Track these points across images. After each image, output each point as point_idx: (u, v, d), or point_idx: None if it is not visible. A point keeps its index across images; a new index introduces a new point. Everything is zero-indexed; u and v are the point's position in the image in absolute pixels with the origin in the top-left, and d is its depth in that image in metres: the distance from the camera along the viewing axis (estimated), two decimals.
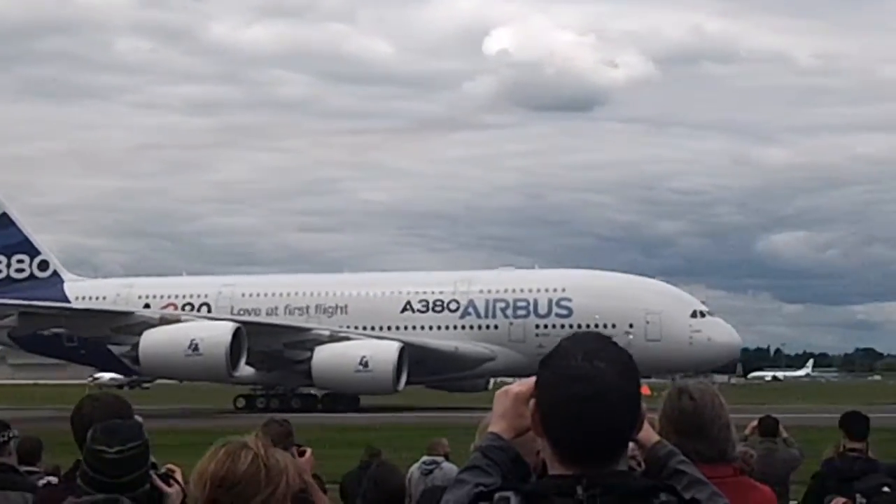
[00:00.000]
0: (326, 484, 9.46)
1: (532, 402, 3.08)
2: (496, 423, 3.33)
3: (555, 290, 56.20)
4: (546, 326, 55.49)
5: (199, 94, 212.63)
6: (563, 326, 55.09)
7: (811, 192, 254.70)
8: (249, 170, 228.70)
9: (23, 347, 64.49)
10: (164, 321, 53.72)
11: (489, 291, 57.12)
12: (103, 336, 54.91)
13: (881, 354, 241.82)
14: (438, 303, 57.43)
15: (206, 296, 59.41)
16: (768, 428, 13.72)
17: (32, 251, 63.48)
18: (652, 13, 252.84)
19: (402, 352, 52.51)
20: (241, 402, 58.27)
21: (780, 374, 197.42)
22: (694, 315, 55.01)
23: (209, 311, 58.18)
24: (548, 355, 3.08)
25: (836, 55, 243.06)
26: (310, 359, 53.49)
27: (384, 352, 52.69)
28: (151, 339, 52.46)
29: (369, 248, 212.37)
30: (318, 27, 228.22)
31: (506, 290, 57.04)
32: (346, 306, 57.88)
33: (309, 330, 54.88)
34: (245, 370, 55.46)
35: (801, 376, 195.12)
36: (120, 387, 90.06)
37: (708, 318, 55.40)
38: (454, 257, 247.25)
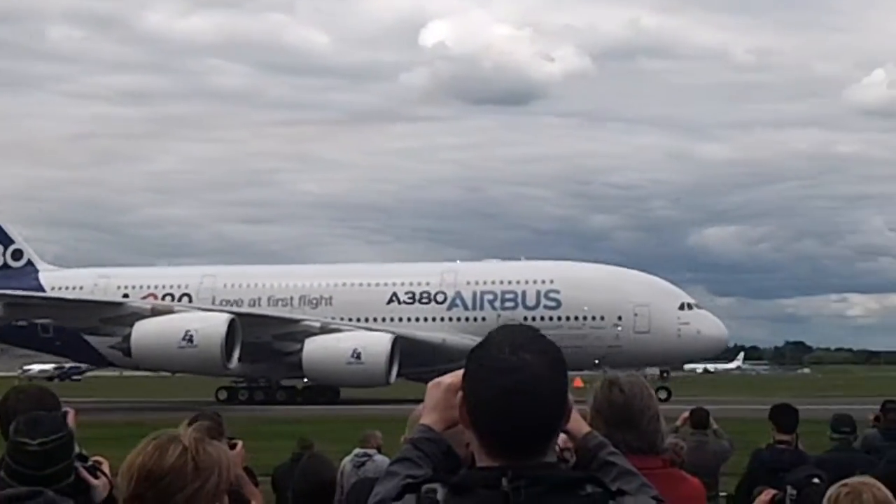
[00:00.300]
0: (260, 476, 9.52)
1: (459, 394, 3.08)
2: (427, 415, 3.34)
3: (543, 282, 56.06)
4: (534, 319, 55.08)
5: (133, 83, 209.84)
6: (551, 318, 55.03)
7: (745, 188, 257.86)
8: (185, 161, 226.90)
9: None
10: (156, 312, 52.86)
11: (476, 283, 56.84)
12: (92, 327, 53.85)
13: (810, 348, 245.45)
14: (425, 294, 57.01)
15: (186, 286, 58.53)
16: (699, 420, 13.84)
17: (5, 240, 62.20)
18: (589, 7, 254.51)
19: (394, 344, 52.12)
20: (223, 395, 57.60)
21: (711, 366, 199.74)
22: (682, 307, 55.11)
23: (190, 301, 57.28)
24: (475, 347, 3.06)
25: (771, 52, 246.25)
26: (299, 350, 52.93)
27: (376, 344, 52.26)
28: (144, 331, 51.57)
29: (305, 240, 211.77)
30: (256, 17, 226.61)
31: (493, 282, 56.80)
32: (330, 298, 57.28)
33: (299, 321, 54.24)
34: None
35: (731, 369, 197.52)
36: (50, 378, 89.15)
37: (696, 310, 55.57)
38: (390, 249, 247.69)
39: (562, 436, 3.44)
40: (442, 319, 56.39)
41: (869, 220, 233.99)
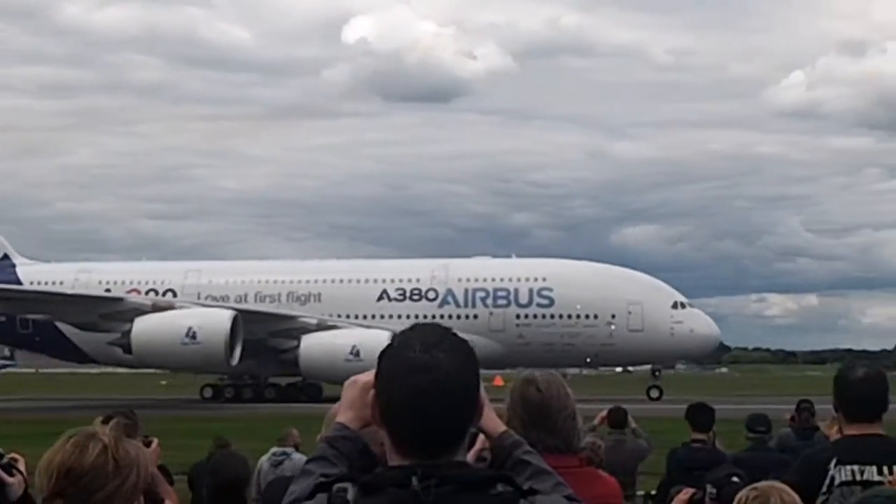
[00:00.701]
0: (176, 475, 9.75)
1: (371, 392, 3.11)
2: (343, 413, 3.37)
3: (535, 280, 55.81)
4: (527, 316, 55.18)
5: (49, 76, 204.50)
6: (544, 316, 54.98)
7: (664, 187, 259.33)
8: (101, 154, 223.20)
9: None
10: (157, 308, 51.87)
11: (468, 280, 56.46)
12: (91, 323, 52.64)
13: (728, 347, 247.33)
14: (416, 291, 56.50)
15: (170, 282, 57.48)
16: (617, 419, 13.91)
17: None
18: (511, 6, 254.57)
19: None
20: (209, 392, 56.70)
21: (631, 367, 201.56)
22: (675, 306, 55.18)
23: (174, 297, 56.36)
24: (387, 346, 3.09)
25: (690, 52, 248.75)
26: (295, 348, 52.25)
27: (375, 341, 51.41)
28: (145, 326, 50.53)
29: (224, 237, 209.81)
30: (174, 11, 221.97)
31: (485, 280, 56.43)
32: (319, 294, 56.56)
33: (296, 318, 53.50)
34: None
35: (646, 368, 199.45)
36: None
37: (688, 309, 55.67)
38: (311, 246, 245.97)
39: (481, 436, 3.60)
40: (433, 317, 55.55)
41: (787, 221, 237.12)
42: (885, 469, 6.16)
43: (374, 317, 55.30)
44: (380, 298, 56.38)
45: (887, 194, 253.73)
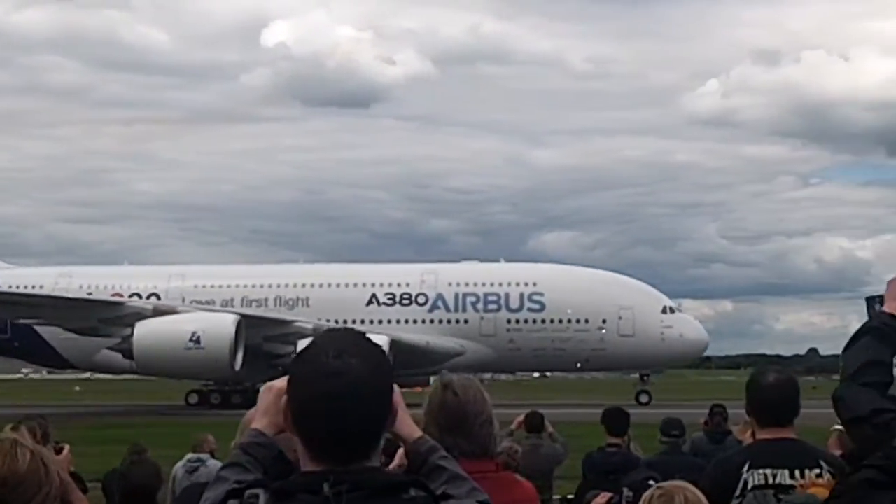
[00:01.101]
0: (90, 482, 9.81)
1: (284, 398, 3.12)
2: (259, 420, 3.39)
3: (526, 285, 55.69)
4: (518, 321, 55.03)
5: None
6: (535, 321, 54.88)
7: (581, 194, 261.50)
8: (18, 158, 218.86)
9: None
10: (158, 312, 50.86)
11: (458, 285, 56.19)
12: (90, 327, 51.43)
13: None
14: (406, 296, 56.12)
15: (154, 287, 56.47)
16: (534, 423, 14.04)
17: None
18: (430, 11, 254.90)
19: (391, 346, 51.17)
20: (194, 398, 55.74)
21: (549, 371, 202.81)
22: (664, 311, 55.33)
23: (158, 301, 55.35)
24: (300, 352, 3.11)
25: (608, 60, 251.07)
26: (291, 353, 51.48)
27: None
28: (147, 331, 49.42)
29: (140, 241, 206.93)
30: (93, 13, 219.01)
31: (475, 284, 56.21)
32: (307, 298, 55.94)
33: (291, 323, 52.83)
34: None
35: (567, 373, 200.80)
36: None
37: (678, 314, 55.89)
38: (228, 251, 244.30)
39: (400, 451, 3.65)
40: (423, 322, 55.58)
41: (702, 228, 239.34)
42: (798, 473, 6.26)
43: (363, 322, 54.50)
44: (369, 303, 55.92)
45: (801, 202, 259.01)
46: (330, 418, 3.00)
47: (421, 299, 56.02)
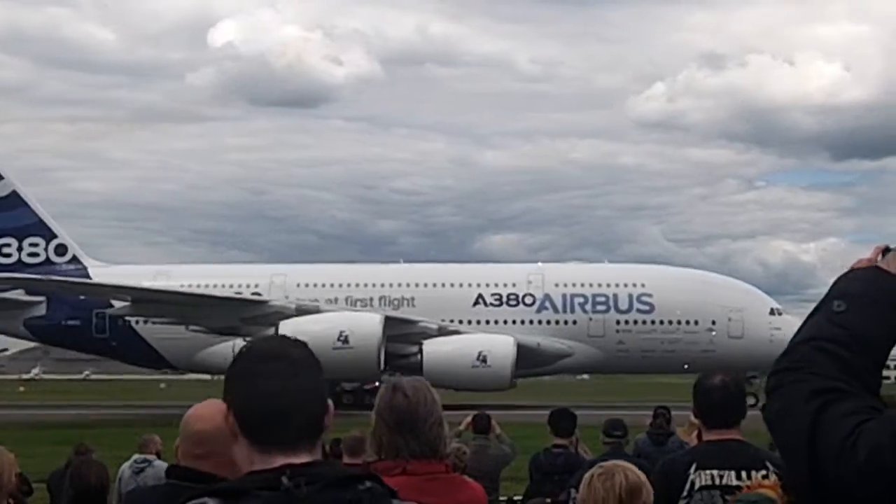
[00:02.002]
0: (35, 483, 10.26)
1: (225, 406, 3.16)
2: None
3: (634, 286, 55.24)
4: (627, 322, 54.58)
5: None
6: (644, 322, 54.39)
7: (527, 196, 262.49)
8: None
9: (40, 340, 59.26)
10: (301, 311, 50.15)
11: (565, 286, 55.72)
12: (230, 326, 50.54)
13: None
14: (513, 296, 55.49)
15: (256, 285, 55.65)
16: (481, 425, 14.28)
17: (48, 234, 58.10)
18: (378, 12, 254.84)
19: (517, 347, 50.81)
20: None
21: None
22: (772, 313, 55.03)
23: None
24: (235, 358, 3.18)
25: (555, 62, 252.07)
26: (416, 353, 51.07)
27: (501, 346, 50.76)
28: (292, 331, 48.36)
29: (84, 240, 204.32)
30: (37, 10, 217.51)
31: (583, 285, 55.74)
32: (412, 298, 55.17)
33: (416, 322, 52.19)
34: None
35: None
36: None
37: (784, 316, 55.53)
38: (172, 251, 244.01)
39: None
40: (531, 322, 54.99)
41: (647, 230, 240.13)
42: (744, 473, 6.42)
43: (469, 322, 54.16)
44: (476, 303, 55.27)
45: (745, 205, 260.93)
46: (273, 417, 3.04)
47: (528, 300, 55.41)
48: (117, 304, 53.35)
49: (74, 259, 57.94)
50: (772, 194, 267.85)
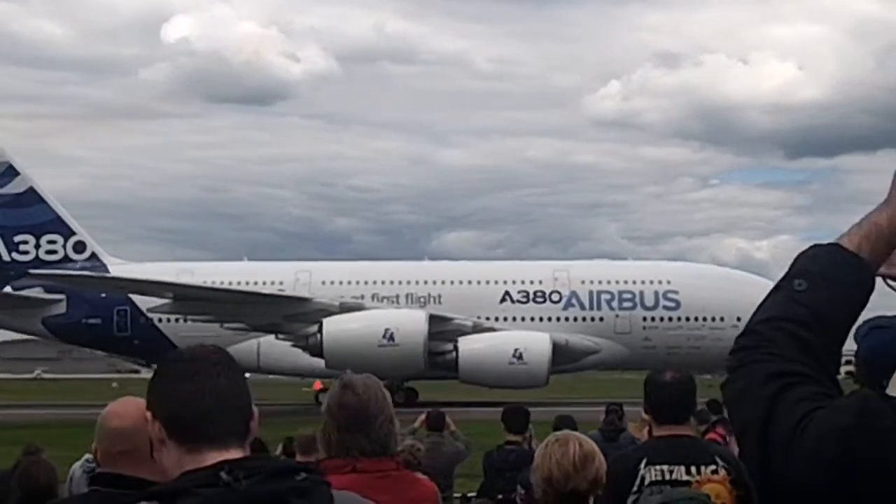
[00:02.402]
0: None
1: (149, 414, 3.16)
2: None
3: (660, 283, 55.33)
4: (654, 319, 54.67)
5: None
6: (670, 319, 54.49)
7: (483, 194, 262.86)
8: None
9: (59, 338, 58.30)
10: (345, 308, 49.73)
11: (591, 283, 55.74)
12: (273, 324, 50.03)
13: None
14: (539, 293, 55.42)
15: (281, 283, 55.20)
16: (435, 422, 14.41)
17: (66, 231, 57.32)
18: (335, 9, 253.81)
19: (552, 344, 50.77)
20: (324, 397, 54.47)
21: None
22: None
23: None
24: (156, 367, 3.25)
25: (511, 61, 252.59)
26: (451, 350, 50.85)
27: (538, 342, 50.62)
28: (337, 328, 48.25)
29: None
30: None
31: (609, 282, 55.78)
32: (439, 296, 54.87)
33: (451, 320, 51.96)
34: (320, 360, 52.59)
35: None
36: None
37: None
38: (126, 249, 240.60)
39: None
40: (558, 319, 54.89)
41: (603, 228, 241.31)
42: (693, 469, 6.45)
43: (496, 319, 54.03)
44: (502, 300, 55.16)
45: (700, 203, 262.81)
46: (200, 417, 3.05)
47: (555, 297, 55.35)
48: (140, 299, 53.07)
49: (93, 256, 57.18)
50: (726, 192, 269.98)
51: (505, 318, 54.26)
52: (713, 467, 6.46)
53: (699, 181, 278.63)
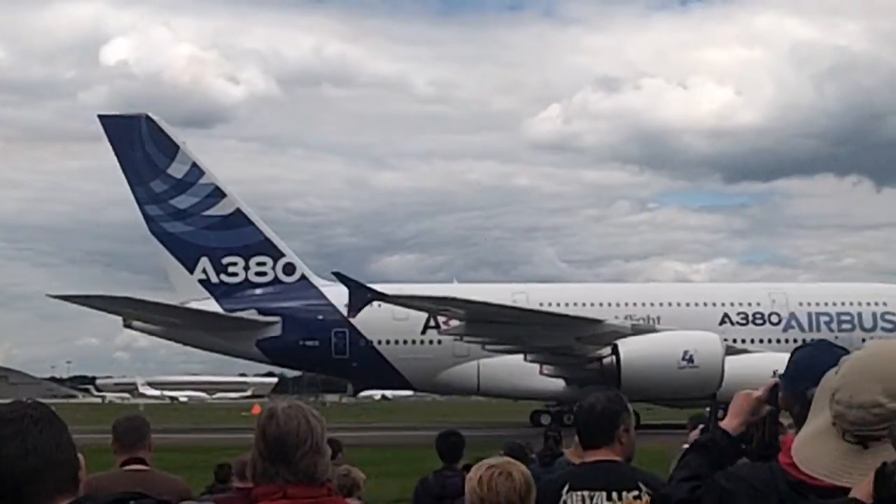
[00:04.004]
0: None
1: None
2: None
3: (876, 304, 55.37)
4: (872, 340, 54.48)
5: None
6: None
7: (423, 216, 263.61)
8: None
9: (273, 361, 57.56)
10: (638, 331, 49.48)
11: (809, 304, 55.64)
12: (565, 346, 49.44)
13: None
14: (758, 315, 55.22)
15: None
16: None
17: (275, 252, 56.62)
18: (275, 32, 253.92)
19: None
20: (546, 419, 53.64)
21: (389, 393, 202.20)
22: None
23: None
24: None
25: (451, 84, 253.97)
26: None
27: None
28: (634, 350, 47.91)
29: None
30: None
31: (826, 304, 55.70)
32: (658, 318, 54.59)
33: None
34: (545, 382, 52.21)
35: (408, 395, 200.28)
36: None
37: None
38: (62, 273, 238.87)
39: None
40: (777, 341, 54.67)
41: (542, 251, 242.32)
42: (615, 494, 6.46)
43: None
44: (722, 322, 54.93)
45: (637, 226, 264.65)
46: (26, 455, 3.08)
47: (774, 319, 55.14)
48: (359, 321, 52.51)
49: (303, 278, 56.47)
50: (664, 216, 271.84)
51: (724, 340, 53.84)
52: (636, 493, 6.44)
53: (637, 204, 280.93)
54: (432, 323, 53.66)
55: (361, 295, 47.60)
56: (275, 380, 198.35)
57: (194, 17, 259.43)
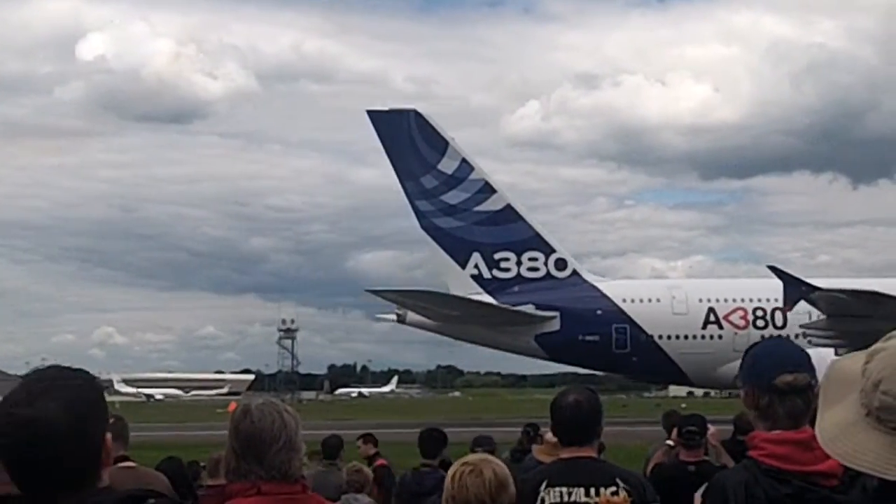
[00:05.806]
0: None
1: None
2: None
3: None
4: None
5: None
6: None
7: (401, 214, 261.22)
8: None
9: (552, 357, 57.99)
10: None
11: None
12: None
13: (461, 372, 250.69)
14: None
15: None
16: (329, 451, 14.42)
17: (546, 248, 57.41)
18: (253, 27, 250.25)
19: None
20: None
21: (365, 390, 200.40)
22: None
23: None
24: None
25: (430, 81, 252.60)
26: None
27: None
28: None
29: None
30: None
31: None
32: None
33: None
34: None
35: (386, 392, 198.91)
36: None
37: None
38: (40, 269, 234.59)
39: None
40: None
41: None
42: (593, 490, 6.56)
43: None
44: None
45: (615, 223, 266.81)
46: (31, 465, 3.10)
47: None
48: (641, 317, 53.44)
49: (575, 273, 57.21)
50: (641, 213, 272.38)
51: None
52: (613, 489, 6.52)
53: (615, 201, 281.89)
54: (712, 318, 54.81)
55: (797, 288, 47.69)
56: (251, 377, 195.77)
57: (172, 12, 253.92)
